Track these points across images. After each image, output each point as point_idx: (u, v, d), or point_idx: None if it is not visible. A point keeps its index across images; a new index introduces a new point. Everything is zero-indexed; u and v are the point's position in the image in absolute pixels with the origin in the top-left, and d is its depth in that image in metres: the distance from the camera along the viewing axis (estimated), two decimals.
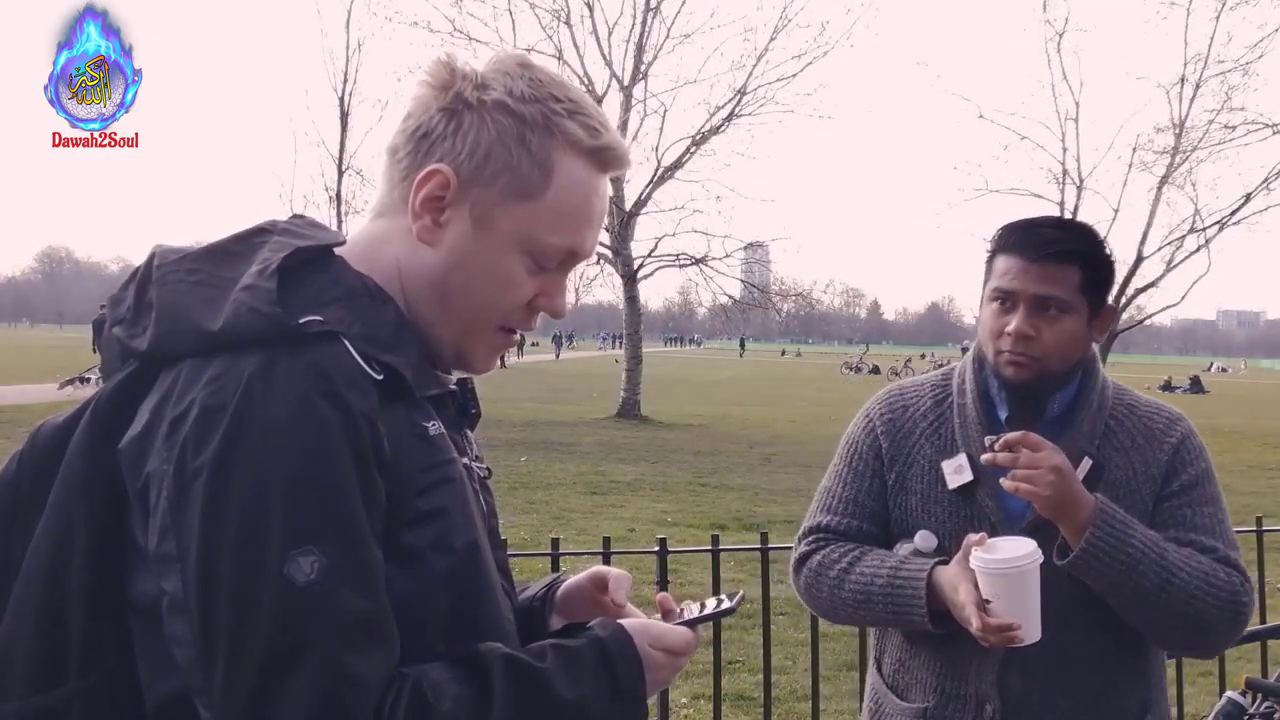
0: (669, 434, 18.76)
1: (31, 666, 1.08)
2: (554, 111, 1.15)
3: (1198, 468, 1.92)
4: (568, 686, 1.10)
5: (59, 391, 20.24)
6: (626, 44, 22.36)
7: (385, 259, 1.16)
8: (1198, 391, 43.44)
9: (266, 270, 1.09)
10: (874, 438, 2.02)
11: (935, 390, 2.03)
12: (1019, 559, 1.71)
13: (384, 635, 1.04)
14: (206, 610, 0.99)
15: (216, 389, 1.02)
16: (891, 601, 1.87)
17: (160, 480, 1.02)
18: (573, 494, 11.46)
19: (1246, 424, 26.04)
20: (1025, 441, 1.78)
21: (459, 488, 1.15)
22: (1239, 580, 1.84)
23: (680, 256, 23.12)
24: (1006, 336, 1.87)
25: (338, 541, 1.01)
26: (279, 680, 0.98)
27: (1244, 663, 4.49)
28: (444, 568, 1.10)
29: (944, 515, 1.92)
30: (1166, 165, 21.85)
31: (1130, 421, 1.94)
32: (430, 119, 1.14)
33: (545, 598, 1.37)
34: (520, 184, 1.14)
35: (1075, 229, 1.94)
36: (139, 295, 1.14)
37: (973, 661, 1.89)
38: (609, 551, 3.36)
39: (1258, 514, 4.02)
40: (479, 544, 1.16)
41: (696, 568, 7.22)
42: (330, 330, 1.06)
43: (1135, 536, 1.78)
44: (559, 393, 27.06)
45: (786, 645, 5.84)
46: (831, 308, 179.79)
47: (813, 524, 2.05)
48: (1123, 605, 1.82)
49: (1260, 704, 2.97)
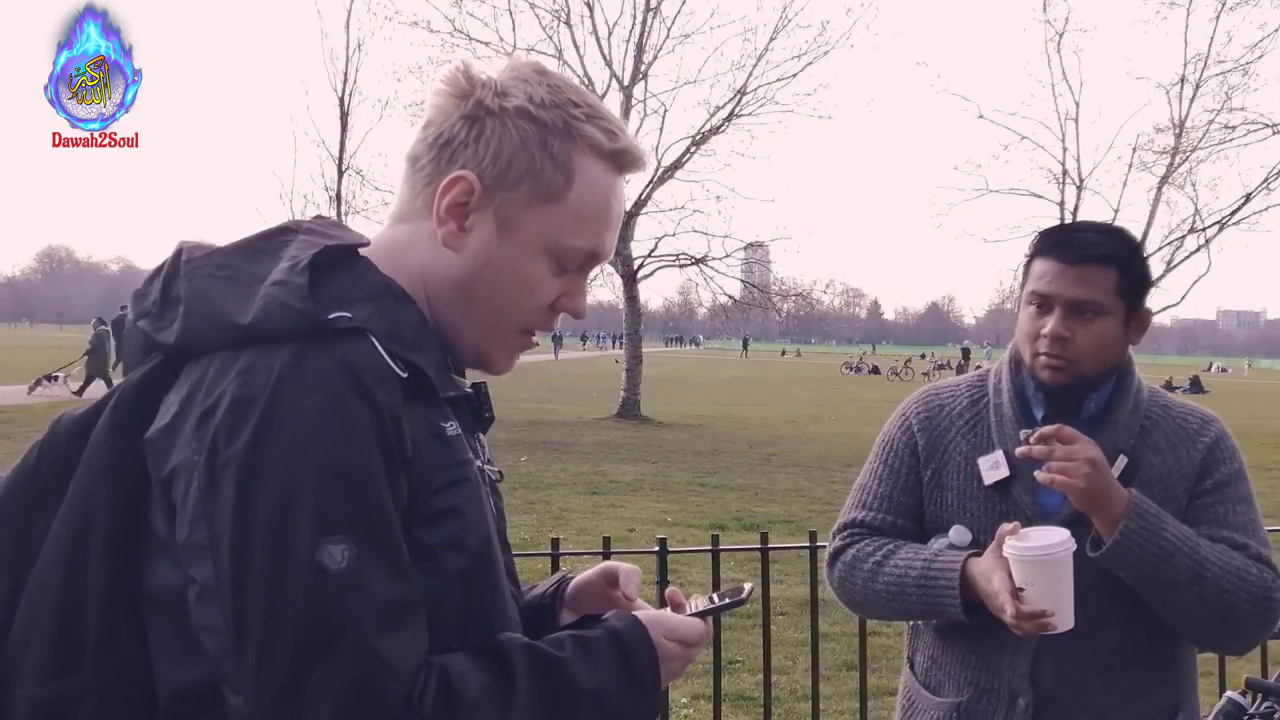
0: (669, 434, 18.76)
1: (47, 653, 1.09)
2: (573, 116, 1.17)
3: (1231, 467, 1.94)
4: (587, 675, 1.12)
5: (29, 395, 20.19)
6: (626, 44, 22.34)
7: (408, 263, 1.18)
8: (1198, 391, 43.42)
9: (297, 266, 1.10)
10: (910, 435, 2.05)
11: (972, 390, 2.07)
12: (1052, 546, 1.73)
13: (414, 622, 1.05)
14: (239, 598, 1.00)
15: (247, 380, 1.03)
16: (925, 593, 1.89)
17: (190, 470, 1.03)
18: (573, 494, 11.46)
19: (1247, 424, 26.05)
20: (1060, 435, 1.80)
21: (474, 488, 1.16)
22: (1271, 576, 1.85)
23: (680, 256, 23.10)
24: (1043, 339, 1.90)
25: (368, 531, 1.02)
26: (312, 666, 0.99)
27: (1244, 663, 4.48)
28: (458, 566, 1.12)
29: (979, 511, 1.95)
30: (1166, 165, 21.88)
31: (1165, 422, 1.96)
32: (452, 126, 1.16)
33: (555, 594, 1.39)
34: (543, 188, 1.16)
35: (1113, 233, 1.96)
36: (165, 289, 1.15)
37: (1005, 655, 1.90)
38: (609, 551, 3.37)
39: None
40: (492, 544, 1.18)
41: (696, 568, 7.22)
42: (358, 327, 1.08)
43: (1168, 529, 1.80)
44: (559, 393, 27.05)
45: (786, 645, 5.84)
46: (831, 308, 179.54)
47: (848, 519, 2.07)
48: (1155, 598, 1.83)
49: (1260, 704, 2.97)
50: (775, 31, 22.33)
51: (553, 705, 1.10)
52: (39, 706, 1.09)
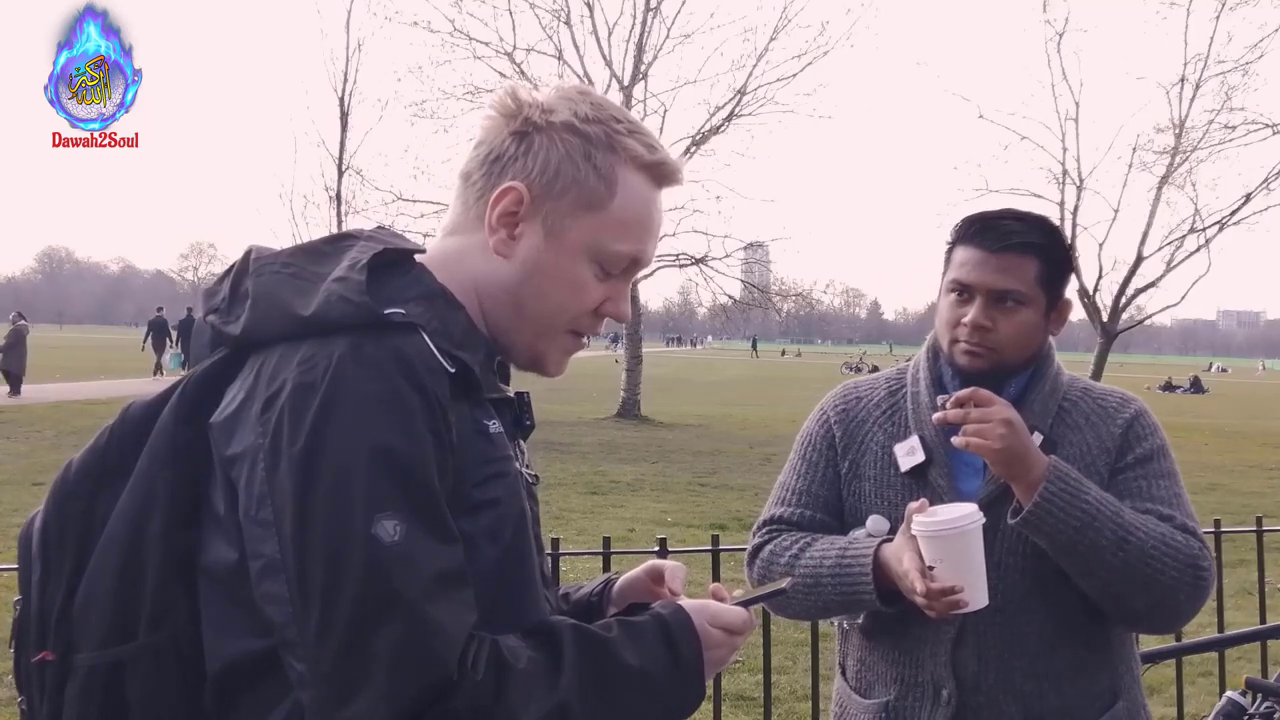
0: (669, 434, 18.77)
1: (105, 621, 1.17)
2: (615, 131, 1.26)
3: (1152, 442, 1.92)
4: (631, 654, 1.17)
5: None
6: (626, 44, 22.34)
7: (461, 272, 1.26)
8: (1198, 391, 43.45)
9: (357, 265, 1.19)
10: (828, 429, 2.04)
11: (890, 383, 2.07)
12: (958, 519, 1.71)
13: (463, 590, 1.11)
14: (301, 570, 1.07)
15: (309, 368, 1.12)
16: (840, 582, 1.86)
17: (255, 453, 1.11)
18: (573, 494, 11.48)
19: (1246, 424, 26.05)
20: (976, 397, 1.79)
21: (513, 482, 1.23)
22: (1198, 546, 1.81)
23: (680, 256, 23.11)
24: (963, 327, 1.89)
25: (418, 507, 1.09)
26: (369, 631, 1.05)
27: (1244, 663, 4.49)
28: (494, 555, 1.18)
29: (897, 499, 1.92)
30: (1166, 165, 21.83)
31: (1084, 403, 1.95)
32: (501, 143, 1.25)
33: (602, 594, 1.46)
34: (588, 196, 1.24)
35: (1035, 221, 1.93)
36: (234, 287, 1.24)
37: (926, 646, 1.88)
38: (609, 551, 3.37)
39: (1258, 514, 4.02)
40: (527, 537, 1.24)
41: (696, 568, 7.19)
42: (411, 322, 1.16)
43: (1089, 493, 1.77)
44: (559, 393, 27.05)
45: (786, 645, 5.85)
46: (831, 308, 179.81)
47: (766, 517, 2.06)
48: (1078, 567, 1.79)
49: (1260, 704, 2.97)
50: (775, 31, 22.36)
51: (598, 680, 1.14)
52: (95, 671, 1.17)
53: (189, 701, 1.16)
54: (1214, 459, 16.22)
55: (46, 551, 1.22)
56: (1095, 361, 21.99)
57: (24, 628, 1.23)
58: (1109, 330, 22.35)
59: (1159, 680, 4.70)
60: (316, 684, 1.06)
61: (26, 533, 1.25)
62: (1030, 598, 1.84)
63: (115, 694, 1.16)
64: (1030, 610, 1.84)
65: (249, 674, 1.13)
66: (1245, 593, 6.14)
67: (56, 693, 1.18)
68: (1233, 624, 4.26)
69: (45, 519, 1.24)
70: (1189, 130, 21.61)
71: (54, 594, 1.20)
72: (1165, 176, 21.81)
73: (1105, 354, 22.33)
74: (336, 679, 1.05)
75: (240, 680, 1.14)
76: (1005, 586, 1.80)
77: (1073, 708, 1.85)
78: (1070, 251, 1.94)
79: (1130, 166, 22.19)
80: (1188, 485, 1.94)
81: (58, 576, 1.20)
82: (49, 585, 1.21)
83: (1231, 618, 4.37)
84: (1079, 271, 22.23)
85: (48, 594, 1.21)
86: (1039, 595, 1.84)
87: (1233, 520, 5.19)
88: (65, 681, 1.18)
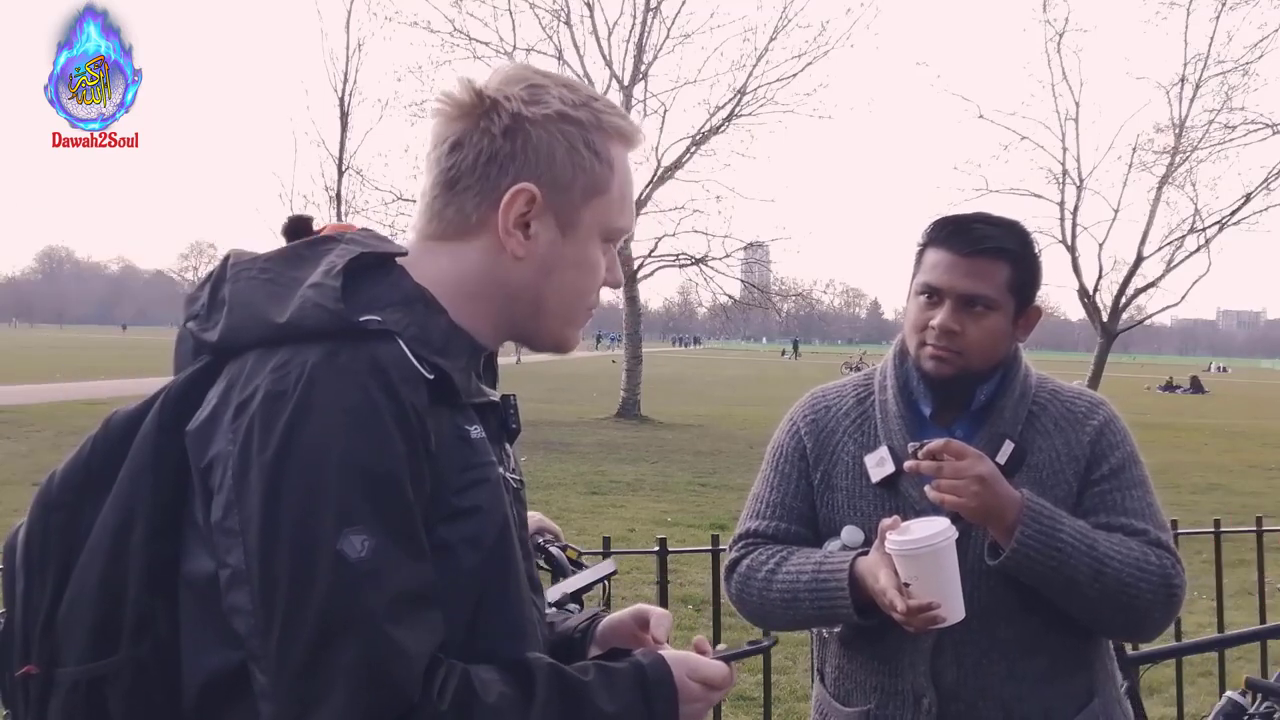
0: (669, 434, 18.77)
1: (88, 633, 1.15)
2: (597, 109, 1.24)
3: (1124, 451, 1.91)
4: (607, 702, 1.15)
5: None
6: (626, 44, 22.39)
7: (462, 276, 1.22)
8: (1198, 391, 43.45)
9: (333, 270, 1.16)
10: (798, 440, 2.03)
11: (857, 390, 2.05)
12: (932, 537, 1.71)
13: (428, 612, 1.09)
14: (266, 581, 1.05)
15: (281, 375, 1.09)
16: (817, 597, 1.86)
17: (225, 460, 1.09)
18: (573, 494, 11.46)
19: (1246, 424, 26.04)
20: (949, 449, 1.77)
21: (494, 488, 1.20)
22: (1170, 562, 1.83)
23: (680, 256, 23.13)
24: (931, 330, 1.88)
25: (387, 523, 1.07)
26: (328, 648, 1.04)
27: (1244, 663, 4.49)
28: (474, 563, 1.15)
29: (870, 510, 1.91)
30: (1166, 165, 21.88)
31: (1053, 406, 1.94)
32: (490, 142, 1.20)
33: (586, 630, 1.43)
34: (593, 182, 1.23)
35: (1007, 226, 1.92)
36: (213, 293, 1.22)
37: (905, 655, 1.88)
38: (609, 551, 3.36)
39: (1258, 514, 4.02)
40: (509, 544, 1.21)
41: (696, 568, 7.21)
42: (387, 329, 1.13)
43: (1064, 530, 1.77)
44: (559, 392, 27.04)
45: (786, 645, 5.83)
46: (831, 308, 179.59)
47: (742, 530, 2.05)
48: (1056, 595, 1.81)
49: (1260, 704, 2.97)
50: (775, 31, 22.41)
51: None
52: (77, 685, 1.15)
53: (173, 715, 1.14)
54: (1214, 459, 16.13)
55: (30, 564, 1.20)
56: (1095, 361, 22.01)
57: (8, 641, 1.20)
58: (1109, 330, 22.38)
59: (1159, 680, 4.70)
60: (276, 698, 1.05)
61: (10, 544, 1.23)
62: (1005, 603, 1.84)
63: (98, 709, 1.14)
64: (1007, 616, 1.85)
65: (231, 686, 1.10)
66: (1245, 593, 6.13)
67: (40, 707, 1.16)
68: (1233, 624, 4.26)
69: (29, 531, 1.21)
70: (1189, 130, 21.66)
71: (38, 606, 1.18)
72: (1165, 176, 21.86)
73: (1105, 354, 22.34)
74: (295, 695, 1.04)
75: (223, 692, 1.11)
76: (980, 594, 1.80)
77: (1051, 708, 1.87)
78: (1040, 258, 1.94)
79: (1130, 166, 22.27)
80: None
81: (41, 589, 1.18)
82: (32, 598, 1.19)
83: (1231, 618, 4.36)
84: (1079, 271, 22.27)
85: (31, 606, 1.18)
86: (1014, 600, 1.84)
87: (1233, 520, 5.19)
88: (49, 696, 1.16)
